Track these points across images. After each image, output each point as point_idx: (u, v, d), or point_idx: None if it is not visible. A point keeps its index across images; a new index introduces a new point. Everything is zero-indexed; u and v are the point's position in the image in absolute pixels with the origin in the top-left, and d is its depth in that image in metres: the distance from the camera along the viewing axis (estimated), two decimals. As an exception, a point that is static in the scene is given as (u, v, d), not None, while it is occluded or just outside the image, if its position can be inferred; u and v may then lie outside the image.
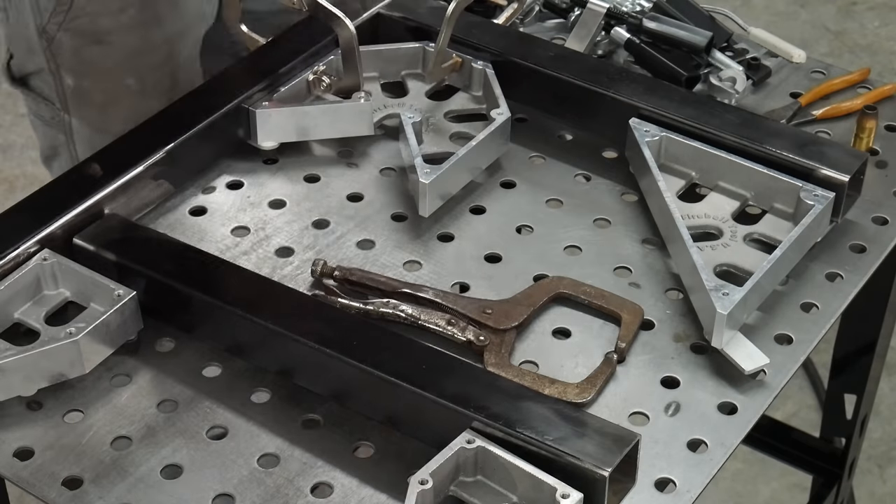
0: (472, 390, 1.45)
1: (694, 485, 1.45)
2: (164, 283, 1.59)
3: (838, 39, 4.18)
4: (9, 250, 1.59)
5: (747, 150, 1.76)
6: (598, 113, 1.86)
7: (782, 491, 2.97)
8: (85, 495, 1.44)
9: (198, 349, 1.60)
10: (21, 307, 1.60)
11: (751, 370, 1.55)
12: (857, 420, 2.22)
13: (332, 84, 1.88)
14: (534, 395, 1.46)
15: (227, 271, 1.62)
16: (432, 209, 1.76)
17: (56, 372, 1.53)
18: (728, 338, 1.57)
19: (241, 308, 1.55)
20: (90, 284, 1.59)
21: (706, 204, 1.76)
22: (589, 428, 1.41)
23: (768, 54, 2.03)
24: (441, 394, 1.44)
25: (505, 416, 1.42)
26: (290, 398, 1.55)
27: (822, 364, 2.99)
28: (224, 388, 1.56)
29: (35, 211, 1.65)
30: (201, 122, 1.79)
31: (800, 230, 1.65)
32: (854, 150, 1.81)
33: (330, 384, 1.52)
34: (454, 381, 1.46)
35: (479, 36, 1.94)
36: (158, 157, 1.74)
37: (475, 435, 1.41)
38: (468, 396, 1.44)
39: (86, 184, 1.69)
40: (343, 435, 1.51)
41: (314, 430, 1.52)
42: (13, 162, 3.70)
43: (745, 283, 1.59)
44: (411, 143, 1.78)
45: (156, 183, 1.76)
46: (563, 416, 1.42)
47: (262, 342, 1.55)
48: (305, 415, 1.53)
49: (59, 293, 1.62)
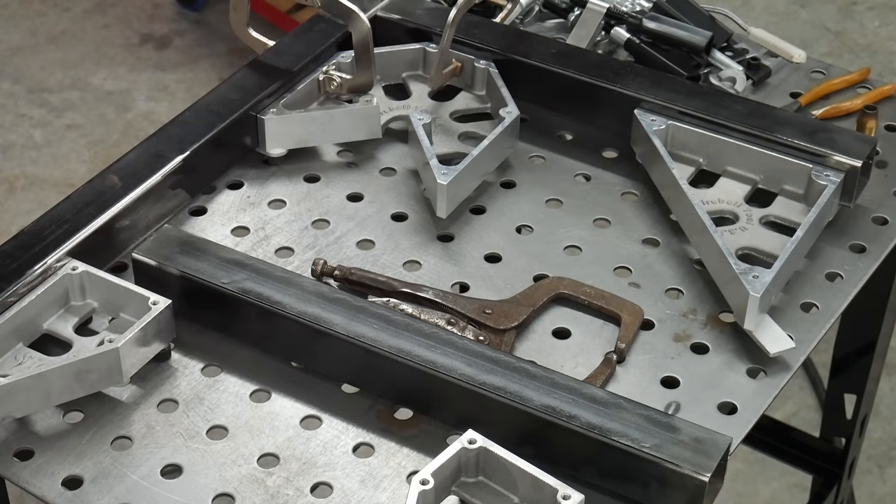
0: (558, 398, 1.46)
1: (694, 485, 1.46)
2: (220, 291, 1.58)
3: (838, 39, 4.18)
4: (38, 262, 1.59)
5: (758, 138, 1.78)
6: (605, 107, 1.87)
7: (782, 491, 2.97)
8: (85, 495, 1.44)
9: (198, 350, 1.60)
10: (49, 318, 1.59)
11: (776, 353, 1.57)
12: (857, 420, 2.22)
13: (343, 83, 1.87)
14: (625, 402, 1.46)
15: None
16: (450, 210, 1.76)
17: (94, 380, 1.51)
18: (759, 321, 1.58)
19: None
20: (122, 294, 1.58)
21: (718, 189, 1.78)
22: (682, 433, 1.42)
23: (768, 54, 2.03)
24: (529, 402, 1.45)
25: (599, 424, 1.43)
26: (290, 398, 1.55)
27: (822, 364, 2.99)
28: (224, 388, 1.56)
29: (60, 223, 1.64)
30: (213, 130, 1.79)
31: (817, 210, 1.68)
32: (864, 136, 1.82)
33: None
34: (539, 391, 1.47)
35: (481, 35, 1.94)
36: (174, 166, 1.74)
37: (477, 435, 1.41)
38: (555, 407, 1.44)
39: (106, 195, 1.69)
40: (343, 435, 1.51)
41: (314, 429, 1.52)
42: (13, 162, 3.70)
43: (769, 265, 1.61)
44: (424, 144, 1.78)
45: (173, 192, 1.76)
46: (654, 422, 1.43)
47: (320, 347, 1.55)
48: (305, 415, 1.53)
49: (86, 304, 1.61)
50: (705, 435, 1.43)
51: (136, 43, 4.09)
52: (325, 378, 1.57)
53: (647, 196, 1.82)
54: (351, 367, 1.55)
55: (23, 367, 1.51)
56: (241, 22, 1.93)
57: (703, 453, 1.41)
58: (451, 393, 1.48)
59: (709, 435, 1.43)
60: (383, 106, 1.91)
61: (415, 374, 1.49)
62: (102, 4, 4.23)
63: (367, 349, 1.51)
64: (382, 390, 1.54)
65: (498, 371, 1.48)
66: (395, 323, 1.53)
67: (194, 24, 4.16)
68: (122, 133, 3.76)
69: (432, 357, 1.50)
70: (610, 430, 1.42)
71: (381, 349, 1.50)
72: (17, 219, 3.46)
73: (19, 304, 1.56)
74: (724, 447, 1.41)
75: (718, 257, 1.64)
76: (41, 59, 4.04)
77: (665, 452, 1.40)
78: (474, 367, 1.49)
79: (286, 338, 1.57)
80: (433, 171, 1.73)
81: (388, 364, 1.51)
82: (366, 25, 1.83)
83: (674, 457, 1.40)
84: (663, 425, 1.43)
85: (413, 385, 1.51)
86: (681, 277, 1.70)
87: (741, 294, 1.58)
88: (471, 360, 1.49)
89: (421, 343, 1.51)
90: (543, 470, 1.37)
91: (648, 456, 1.40)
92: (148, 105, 3.87)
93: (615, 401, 1.46)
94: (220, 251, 1.64)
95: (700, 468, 1.39)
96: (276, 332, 1.58)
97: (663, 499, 1.42)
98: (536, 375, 1.48)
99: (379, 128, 1.87)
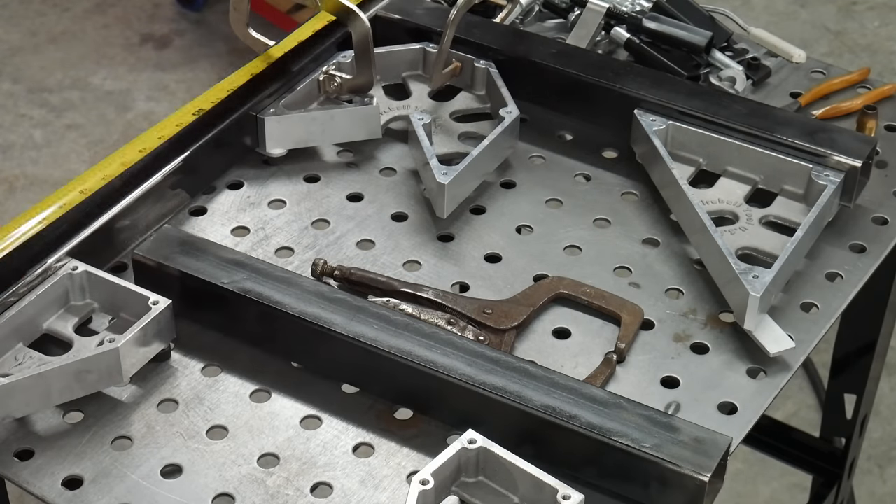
0: (558, 398, 1.46)
1: (694, 485, 1.46)
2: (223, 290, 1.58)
3: (838, 39, 4.18)
4: (38, 263, 1.59)
5: (758, 138, 1.78)
6: (605, 107, 1.87)
7: (782, 491, 2.97)
8: (85, 495, 1.44)
9: (198, 350, 1.60)
10: (49, 318, 1.59)
11: (775, 353, 1.57)
12: (857, 420, 2.22)
13: (343, 83, 1.87)
14: (625, 402, 1.46)
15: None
16: (450, 210, 1.76)
17: (94, 380, 1.51)
18: (759, 321, 1.58)
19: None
20: (122, 294, 1.58)
21: (718, 189, 1.78)
22: (683, 433, 1.42)
23: (768, 54, 2.03)
24: (528, 402, 1.45)
25: (599, 424, 1.43)
26: (290, 398, 1.55)
27: (822, 364, 2.99)
28: (224, 389, 1.56)
29: (60, 223, 1.64)
30: (213, 131, 1.79)
31: (817, 210, 1.68)
32: (864, 136, 1.82)
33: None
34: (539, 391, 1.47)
35: (481, 35, 1.94)
36: (175, 166, 1.74)
37: (477, 435, 1.41)
38: (555, 407, 1.44)
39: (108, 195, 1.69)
40: (343, 435, 1.51)
41: (314, 429, 1.52)
42: (13, 162, 3.70)
43: (769, 265, 1.61)
44: (424, 144, 1.78)
45: (173, 192, 1.76)
46: (654, 422, 1.43)
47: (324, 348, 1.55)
48: (305, 415, 1.53)
49: (86, 304, 1.61)
50: (705, 435, 1.43)
51: (136, 43, 4.09)
52: (325, 378, 1.57)
53: (647, 196, 1.82)
54: (351, 367, 1.55)
55: (23, 367, 1.51)
56: (241, 21, 1.93)
57: (703, 453, 1.40)
58: (450, 393, 1.48)
59: (709, 435, 1.43)
60: (383, 106, 1.91)
61: (415, 374, 1.49)
62: (102, 4, 4.23)
63: (367, 349, 1.51)
64: (382, 390, 1.54)
65: (498, 371, 1.48)
66: (395, 323, 1.53)
67: (194, 24, 4.16)
68: (122, 133, 3.76)
69: (432, 357, 1.49)
70: (610, 430, 1.42)
71: (381, 349, 1.50)
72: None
73: (19, 304, 1.56)
74: (725, 447, 1.41)
75: (718, 257, 1.64)
76: (41, 59, 4.04)
77: (665, 452, 1.40)
78: (474, 367, 1.49)
79: (286, 338, 1.57)
80: (433, 170, 1.73)
81: (387, 364, 1.50)
82: (366, 25, 1.83)
83: (674, 457, 1.40)
84: (663, 425, 1.43)
85: (413, 385, 1.51)
86: (681, 277, 1.70)
87: (741, 294, 1.58)
88: (471, 360, 1.49)
89: (421, 343, 1.51)
90: (543, 470, 1.37)
91: (648, 456, 1.40)
92: (148, 105, 3.87)
93: (615, 401, 1.46)
94: (220, 251, 1.63)
95: (700, 468, 1.39)
96: (275, 332, 1.58)
97: (663, 499, 1.42)
98: (536, 375, 1.48)
99: (379, 128, 1.87)
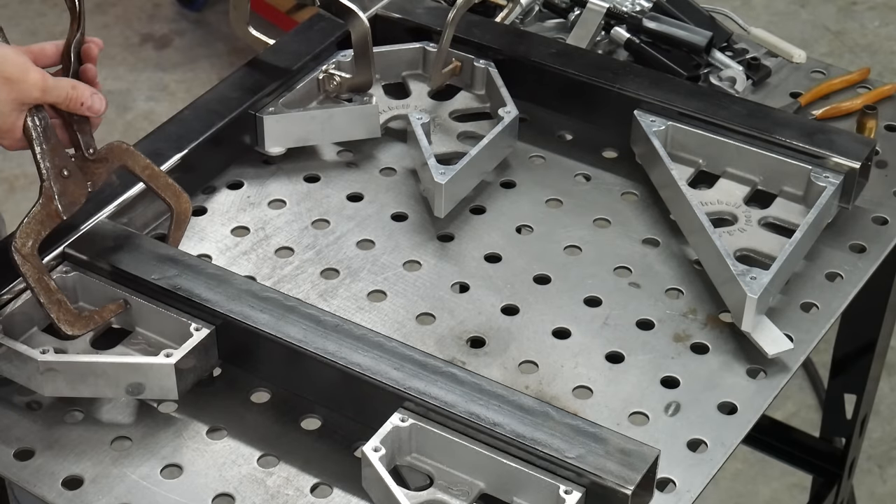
0: (484, 405, 1.43)
1: (694, 485, 1.45)
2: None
3: (838, 39, 4.18)
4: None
5: (757, 139, 1.77)
6: (604, 108, 1.87)
7: (782, 491, 2.97)
8: (85, 495, 1.44)
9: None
10: None
11: (774, 354, 1.57)
12: (857, 420, 2.22)
13: (342, 82, 1.87)
14: (552, 411, 1.43)
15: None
16: (447, 209, 1.76)
17: (139, 385, 1.50)
18: (756, 322, 1.58)
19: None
20: (166, 320, 1.56)
21: (718, 190, 1.78)
22: (609, 444, 1.39)
23: (768, 54, 2.03)
24: (453, 407, 1.43)
25: (522, 432, 1.40)
26: (289, 398, 1.55)
27: (822, 364, 2.99)
28: (224, 389, 1.56)
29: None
30: (212, 129, 1.79)
31: (815, 211, 1.68)
32: (862, 137, 1.82)
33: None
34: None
35: (481, 35, 1.94)
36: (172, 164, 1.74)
37: (408, 414, 1.42)
38: (479, 414, 1.42)
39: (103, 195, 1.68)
40: (342, 435, 1.51)
41: (314, 430, 1.52)
42: (13, 162, 3.70)
43: (767, 266, 1.61)
44: (422, 144, 1.78)
45: None
46: (581, 432, 1.40)
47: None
48: (305, 415, 1.53)
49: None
50: (632, 447, 1.39)
51: (136, 43, 4.09)
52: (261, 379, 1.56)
53: (647, 196, 1.82)
54: (280, 368, 1.53)
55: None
56: (241, 21, 1.93)
57: (628, 465, 1.37)
58: (375, 396, 1.45)
59: (636, 447, 1.39)
60: (383, 105, 1.91)
61: (340, 375, 1.47)
62: (102, 4, 4.23)
63: (294, 349, 1.49)
64: (309, 391, 1.53)
65: (423, 375, 1.45)
66: (325, 324, 1.51)
67: (194, 24, 4.16)
68: (122, 133, 3.76)
69: (359, 360, 1.47)
70: (534, 440, 1.39)
71: (308, 350, 1.48)
72: (17, 219, 3.44)
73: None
74: (651, 459, 1.38)
75: (717, 258, 1.64)
76: (41, 59, 4.03)
77: (588, 463, 1.37)
78: (402, 371, 1.46)
79: (219, 335, 1.55)
80: (431, 170, 1.73)
81: (314, 365, 1.49)
82: (365, 25, 1.83)
83: (598, 468, 1.37)
84: (590, 435, 1.40)
85: (338, 386, 1.49)
86: (681, 277, 1.70)
87: (739, 295, 1.58)
88: (399, 363, 1.47)
89: (350, 345, 1.48)
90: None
91: (572, 466, 1.37)
92: (148, 105, 3.87)
93: (542, 409, 1.43)
94: (155, 247, 1.62)
95: (624, 481, 1.36)
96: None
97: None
98: (464, 381, 1.45)
99: (378, 127, 1.87)
